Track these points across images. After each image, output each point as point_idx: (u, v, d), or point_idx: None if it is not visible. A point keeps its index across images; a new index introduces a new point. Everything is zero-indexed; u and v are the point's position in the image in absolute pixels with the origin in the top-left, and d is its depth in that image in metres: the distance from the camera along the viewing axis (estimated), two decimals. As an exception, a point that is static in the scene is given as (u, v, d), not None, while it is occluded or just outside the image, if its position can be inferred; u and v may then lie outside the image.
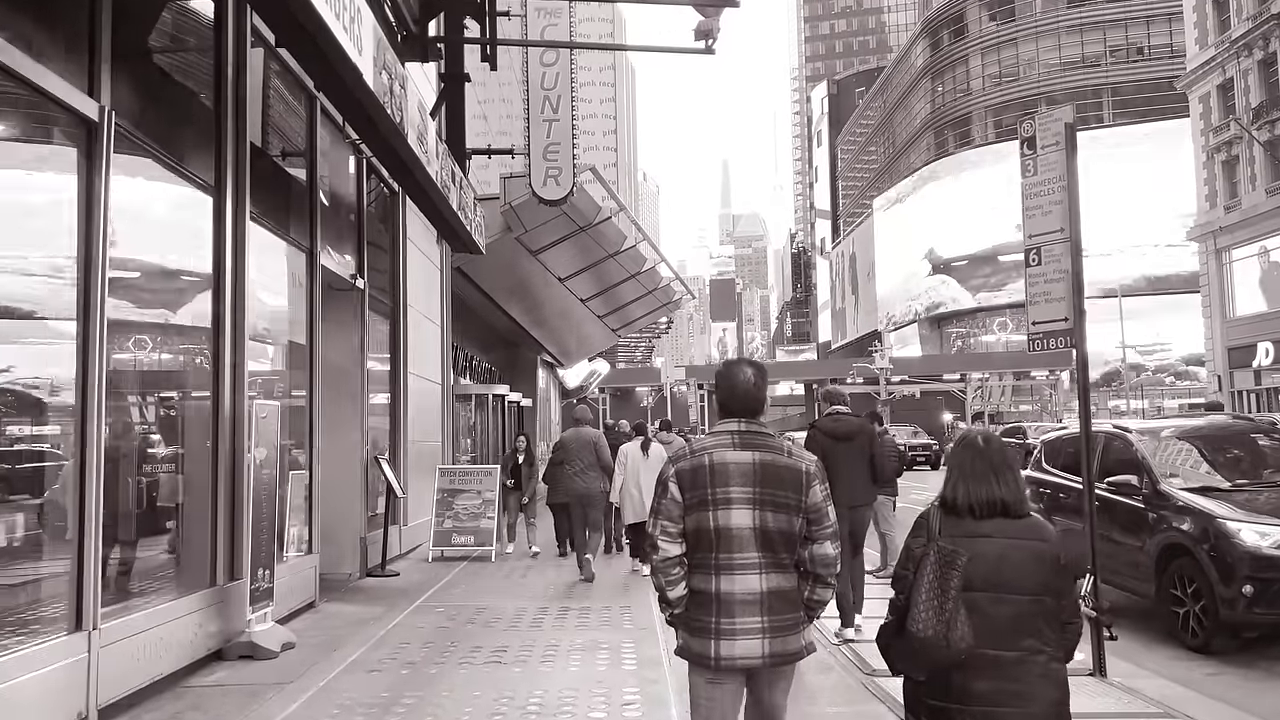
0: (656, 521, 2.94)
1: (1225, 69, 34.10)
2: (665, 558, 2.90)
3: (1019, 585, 2.57)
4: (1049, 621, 2.59)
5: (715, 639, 2.84)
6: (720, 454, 2.93)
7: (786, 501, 2.88)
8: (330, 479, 9.03)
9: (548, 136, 11.26)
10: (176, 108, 6.05)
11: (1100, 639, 5.43)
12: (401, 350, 10.98)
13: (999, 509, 2.64)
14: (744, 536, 2.85)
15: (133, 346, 5.73)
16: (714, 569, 2.87)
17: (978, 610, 2.54)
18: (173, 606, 5.50)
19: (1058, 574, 2.63)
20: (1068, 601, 2.67)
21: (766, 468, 2.90)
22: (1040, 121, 5.89)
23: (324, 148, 8.68)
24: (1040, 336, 5.87)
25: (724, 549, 2.86)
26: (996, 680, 2.53)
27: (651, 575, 3.01)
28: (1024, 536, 2.63)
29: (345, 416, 9.28)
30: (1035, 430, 28.83)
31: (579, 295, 20.48)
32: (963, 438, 2.84)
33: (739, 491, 2.87)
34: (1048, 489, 8.39)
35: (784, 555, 2.90)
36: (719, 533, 2.86)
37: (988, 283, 64.85)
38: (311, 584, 7.79)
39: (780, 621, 2.85)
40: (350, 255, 9.35)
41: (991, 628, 2.54)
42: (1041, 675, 2.56)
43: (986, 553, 2.58)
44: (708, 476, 2.90)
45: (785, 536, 2.88)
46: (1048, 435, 9.13)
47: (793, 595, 2.90)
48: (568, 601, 8.02)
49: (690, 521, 2.90)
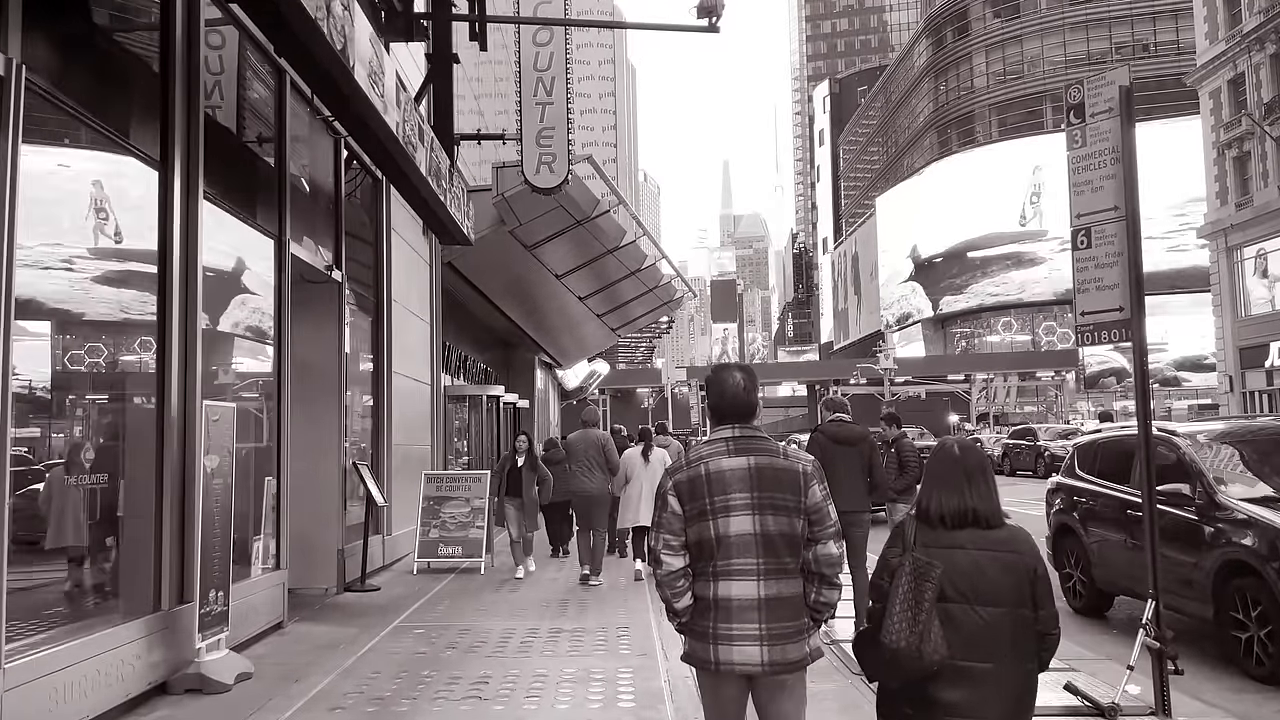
0: (659, 535, 2.91)
1: (1236, 64, 33.51)
2: (669, 571, 2.88)
3: (994, 597, 2.55)
4: (1026, 633, 2.57)
5: (714, 644, 2.82)
6: (716, 462, 2.90)
7: (786, 504, 2.85)
8: (304, 486, 8.37)
9: (541, 120, 10.56)
10: (113, 70, 5.38)
11: (1164, 673, 4.76)
12: (385, 348, 10.32)
13: (970, 519, 2.62)
14: (745, 542, 2.82)
15: (66, 341, 5.06)
16: (713, 575, 2.85)
17: (953, 621, 2.53)
18: (107, 636, 4.82)
19: (1034, 585, 2.60)
20: (1045, 613, 2.62)
21: (763, 471, 2.87)
22: (1090, 86, 5.22)
23: (297, 129, 8.01)
24: (1090, 329, 5.19)
25: (724, 555, 2.83)
26: (970, 690, 2.52)
27: (658, 588, 2.96)
28: (998, 548, 2.60)
29: (321, 418, 8.61)
30: (1046, 432, 28.16)
31: (577, 293, 19.79)
32: (939, 447, 2.82)
33: (738, 498, 2.84)
34: (1083, 498, 7.71)
35: (788, 559, 2.85)
36: (720, 540, 2.83)
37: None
38: (278, 602, 7.12)
39: (780, 629, 2.80)
40: (326, 245, 8.69)
41: (967, 639, 2.52)
42: (1011, 687, 2.56)
43: (961, 564, 2.57)
44: (705, 486, 2.87)
45: (787, 539, 2.85)
46: (1081, 439, 8.43)
47: (796, 602, 2.85)
48: (560, 620, 7.34)
49: (692, 533, 2.87)
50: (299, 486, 8.35)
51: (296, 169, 8.08)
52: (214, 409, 5.63)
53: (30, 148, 4.25)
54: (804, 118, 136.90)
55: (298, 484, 8.32)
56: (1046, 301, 60.92)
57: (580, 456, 9.48)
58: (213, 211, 6.12)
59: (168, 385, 5.47)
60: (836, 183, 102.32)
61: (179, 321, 5.58)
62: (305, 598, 8.34)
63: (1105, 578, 7.42)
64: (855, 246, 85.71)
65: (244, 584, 6.53)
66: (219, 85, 6.59)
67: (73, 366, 5.16)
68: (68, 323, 5.12)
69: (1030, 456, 26.73)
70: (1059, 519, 8.04)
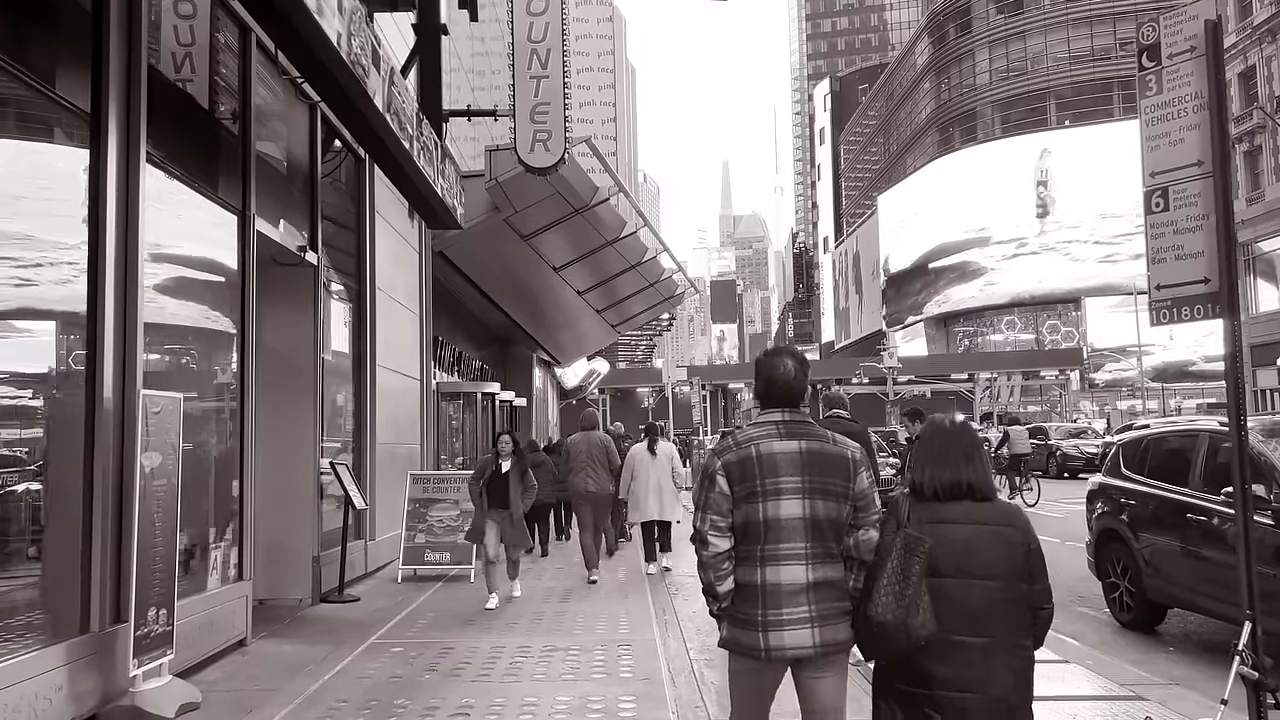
0: (705, 516, 2.85)
1: (1247, 56, 32.93)
2: (716, 553, 2.82)
3: (988, 571, 2.54)
4: (1020, 607, 2.56)
5: (763, 631, 2.77)
6: (767, 444, 2.86)
7: (835, 489, 2.83)
8: (276, 488, 7.66)
9: (535, 95, 9.82)
10: (23, 5, 4.63)
11: (1261, 705, 4.05)
12: (368, 339, 9.59)
13: (964, 491, 2.63)
14: (794, 526, 2.79)
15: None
16: (760, 560, 2.80)
17: (947, 596, 2.52)
18: (20, 665, 4.10)
19: (1028, 559, 2.59)
20: (1040, 588, 2.61)
21: (814, 456, 2.85)
22: (1167, 23, 4.49)
23: (265, 94, 7.29)
24: (1168, 305, 4.46)
25: (771, 540, 2.79)
26: (963, 666, 2.50)
27: (700, 570, 2.90)
28: (992, 522, 2.61)
29: (295, 413, 7.89)
30: (1057, 431, 27.41)
31: (575, 287, 19.04)
32: (930, 423, 2.82)
33: (789, 481, 2.81)
34: (1132, 500, 6.98)
35: (832, 544, 2.83)
36: (768, 524, 2.80)
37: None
38: (240, 617, 6.39)
39: (828, 609, 2.77)
40: (300, 224, 7.96)
41: (962, 613, 2.51)
42: (1009, 661, 2.53)
43: (954, 538, 2.56)
44: (756, 468, 2.83)
45: (834, 525, 2.83)
46: (1124, 435, 7.69)
47: (840, 584, 2.82)
48: (554, 637, 6.61)
49: (739, 515, 2.83)
50: (270, 488, 7.64)
51: (266, 138, 7.35)
52: (155, 399, 4.90)
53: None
54: (804, 116, 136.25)
55: (268, 485, 7.61)
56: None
57: (584, 459, 9.56)
58: (159, 177, 5.40)
59: (99, 372, 4.74)
60: (837, 181, 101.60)
61: (113, 298, 4.85)
62: (276, 610, 7.62)
63: (1158, 588, 6.69)
64: (856, 245, 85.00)
65: (199, 598, 5.81)
66: (174, 35, 5.86)
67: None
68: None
69: (1042, 456, 25.96)
70: (1103, 523, 7.32)
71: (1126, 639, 6.87)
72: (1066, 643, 6.53)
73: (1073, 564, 10.07)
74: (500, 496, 7.82)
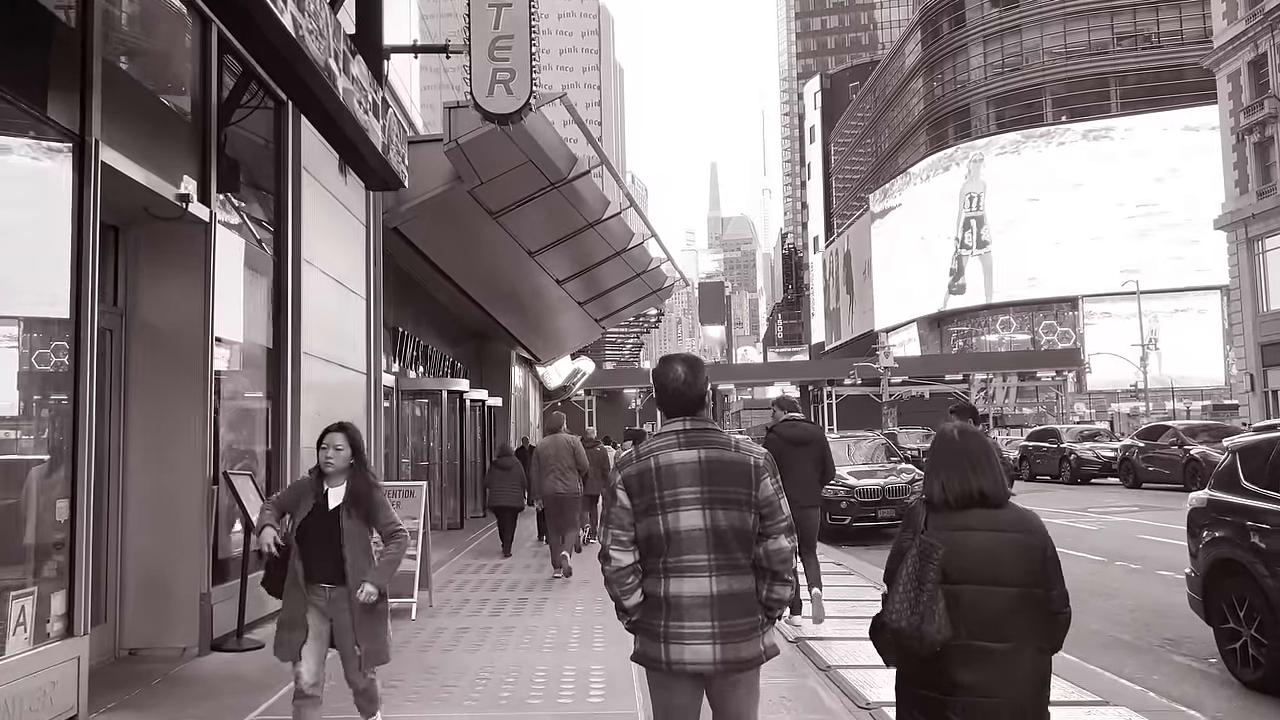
0: (608, 531, 2.81)
1: (1258, 44, 31.77)
2: (619, 568, 2.78)
3: (1006, 577, 2.52)
4: (1039, 612, 2.54)
5: (664, 642, 2.71)
6: (666, 455, 2.80)
7: (736, 497, 2.76)
8: (150, 508, 5.97)
9: (495, 27, 8.07)
10: None
11: None
12: (290, 319, 7.85)
13: (976, 499, 2.60)
14: (695, 538, 2.72)
15: None
16: (663, 572, 2.74)
17: (966, 603, 2.50)
18: None
19: (1045, 564, 2.56)
20: (1057, 592, 2.58)
21: (713, 464, 2.78)
22: None
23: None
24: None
25: (674, 552, 2.73)
26: (983, 672, 2.48)
27: (606, 585, 2.82)
28: (1009, 529, 2.58)
29: (176, 412, 6.16)
30: (1068, 434, 25.81)
31: (555, 275, 17.31)
32: (940, 433, 2.79)
33: (688, 492, 2.75)
34: (1264, 522, 5.32)
35: (739, 555, 2.75)
36: (669, 536, 2.74)
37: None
38: (71, 687, 4.65)
39: (733, 626, 2.70)
40: (185, 168, 6.21)
41: (980, 620, 2.50)
42: (1027, 667, 2.52)
43: (972, 545, 2.54)
44: (654, 480, 2.77)
45: (739, 534, 2.75)
46: (1242, 440, 6.02)
47: (748, 598, 2.75)
48: (502, 709, 4.91)
49: (641, 528, 2.77)
50: (141, 508, 5.95)
51: (131, 50, 5.63)
52: None
53: None
54: (793, 116, 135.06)
55: (141, 505, 5.91)
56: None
57: (553, 461, 9.79)
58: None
59: None
60: (828, 180, 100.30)
61: None
62: (148, 664, 5.90)
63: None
64: (847, 244, 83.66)
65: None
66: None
67: None
68: None
69: (1054, 460, 24.37)
70: (1217, 552, 5.66)
71: (1252, 701, 5.25)
72: (1184, 714, 4.90)
73: (1145, 592, 8.46)
74: (326, 553, 3.94)
